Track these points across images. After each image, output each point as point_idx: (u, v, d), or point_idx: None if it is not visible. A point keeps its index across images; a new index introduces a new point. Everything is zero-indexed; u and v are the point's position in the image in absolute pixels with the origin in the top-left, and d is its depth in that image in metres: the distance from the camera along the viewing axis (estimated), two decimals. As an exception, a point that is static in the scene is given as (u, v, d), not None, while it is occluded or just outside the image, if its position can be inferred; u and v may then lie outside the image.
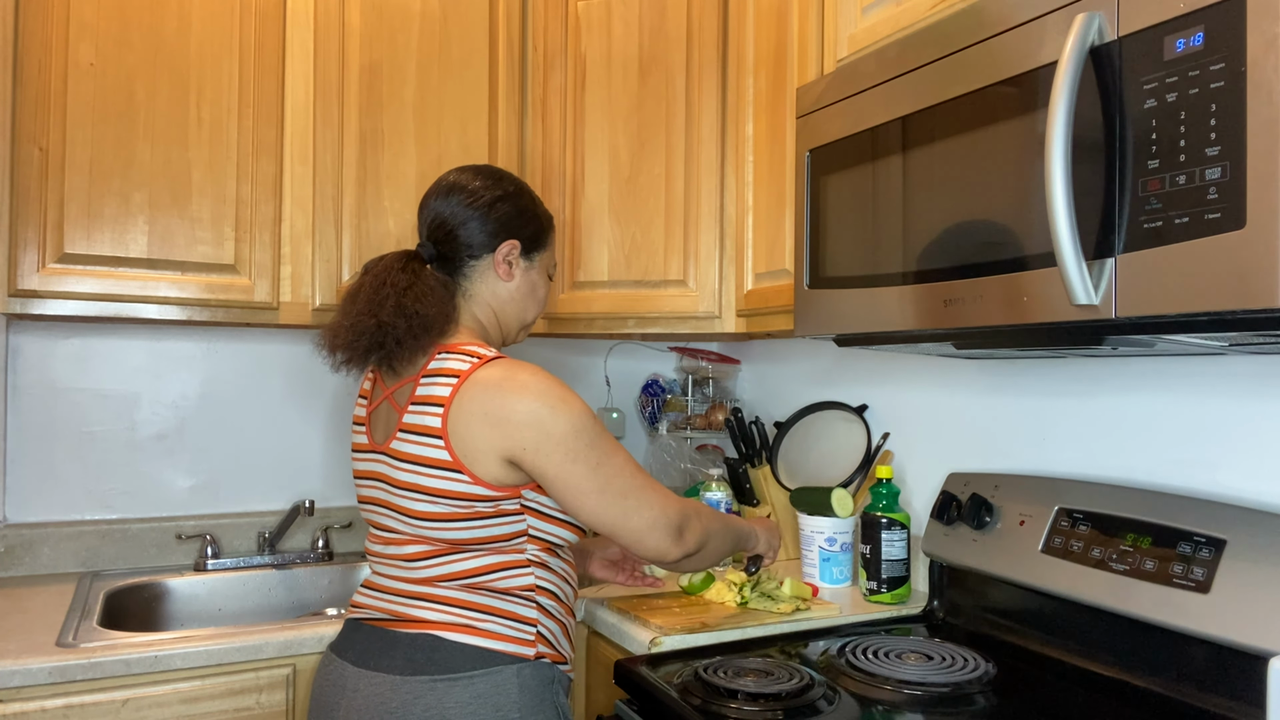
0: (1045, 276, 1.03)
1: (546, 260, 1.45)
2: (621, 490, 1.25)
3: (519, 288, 1.41)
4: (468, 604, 1.24)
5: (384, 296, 1.28)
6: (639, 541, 1.27)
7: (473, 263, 1.37)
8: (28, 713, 1.31)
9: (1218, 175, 0.86)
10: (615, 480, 1.25)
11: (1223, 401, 1.29)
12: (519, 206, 1.40)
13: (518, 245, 1.38)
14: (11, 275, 1.61)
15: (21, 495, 1.89)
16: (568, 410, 1.23)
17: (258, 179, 1.79)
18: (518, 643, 1.25)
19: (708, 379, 2.43)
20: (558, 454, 1.22)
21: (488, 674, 1.21)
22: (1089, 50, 0.98)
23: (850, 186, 1.35)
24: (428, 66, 1.95)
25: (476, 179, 1.39)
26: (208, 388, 2.05)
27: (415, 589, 1.26)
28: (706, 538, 1.34)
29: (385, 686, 1.21)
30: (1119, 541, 1.29)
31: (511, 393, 1.22)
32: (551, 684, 1.27)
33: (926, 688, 1.26)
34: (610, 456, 1.26)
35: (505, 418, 1.21)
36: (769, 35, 1.76)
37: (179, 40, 1.73)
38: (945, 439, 1.76)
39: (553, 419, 1.22)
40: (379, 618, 1.28)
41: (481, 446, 1.22)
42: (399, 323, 1.26)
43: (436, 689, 1.19)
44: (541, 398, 1.22)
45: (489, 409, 1.22)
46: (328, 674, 1.29)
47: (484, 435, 1.22)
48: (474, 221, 1.36)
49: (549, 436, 1.22)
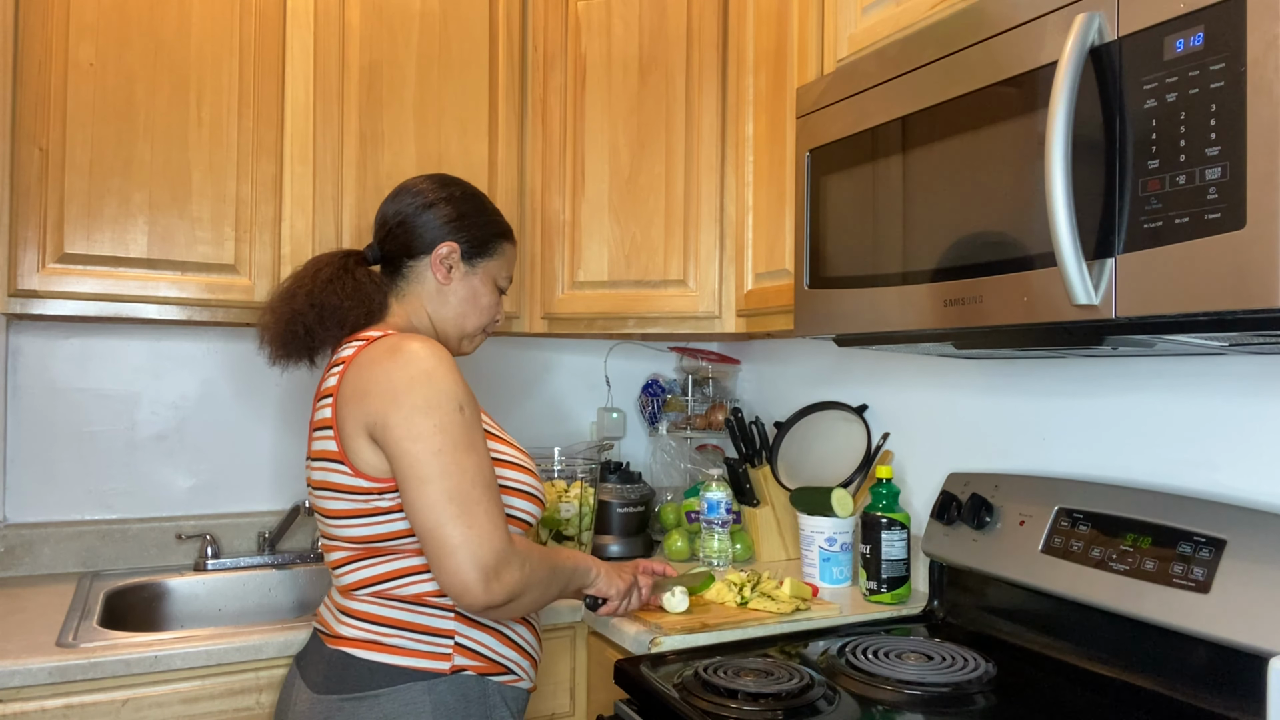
0: (1045, 276, 1.03)
1: (494, 269, 1.41)
2: (452, 492, 1.12)
3: (457, 293, 1.38)
4: (378, 619, 1.21)
5: (302, 286, 1.31)
6: (443, 560, 1.12)
7: (410, 263, 1.37)
8: (28, 713, 1.31)
9: (1218, 175, 0.86)
10: (450, 479, 1.13)
11: (1223, 401, 1.29)
12: (461, 210, 1.38)
13: (457, 248, 1.36)
14: (11, 275, 1.61)
15: (21, 495, 1.89)
16: (428, 385, 1.15)
17: (258, 179, 1.79)
18: (429, 657, 1.20)
19: (708, 379, 2.43)
20: (400, 428, 1.13)
21: (394, 692, 1.17)
22: (1089, 50, 0.98)
23: (850, 186, 1.35)
24: (428, 66, 1.95)
25: (425, 183, 1.40)
26: (208, 388, 2.05)
27: (340, 601, 1.26)
28: (523, 590, 1.17)
29: (308, 702, 1.21)
30: (1119, 541, 1.29)
31: (379, 363, 1.18)
32: (482, 699, 1.22)
33: (926, 688, 1.26)
34: (461, 453, 1.14)
35: (367, 390, 1.17)
36: (769, 35, 1.76)
37: (179, 40, 1.73)
38: (945, 439, 1.76)
39: (406, 389, 1.14)
40: (320, 629, 1.28)
41: (350, 430, 1.18)
42: (309, 312, 1.28)
43: (345, 709, 1.18)
44: (405, 366, 1.16)
45: (358, 384, 1.19)
46: (287, 679, 1.32)
47: (352, 414, 1.18)
48: (412, 220, 1.36)
49: (398, 406, 1.14)
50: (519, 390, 2.40)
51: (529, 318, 2.06)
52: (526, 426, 2.41)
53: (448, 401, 1.16)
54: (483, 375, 2.35)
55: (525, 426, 2.40)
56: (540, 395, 2.43)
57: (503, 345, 2.38)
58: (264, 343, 1.33)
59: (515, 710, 1.28)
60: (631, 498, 2.07)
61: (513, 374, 2.39)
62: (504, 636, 1.27)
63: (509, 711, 1.26)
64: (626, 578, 1.42)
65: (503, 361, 2.38)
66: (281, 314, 1.30)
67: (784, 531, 2.04)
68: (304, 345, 1.31)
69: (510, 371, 2.39)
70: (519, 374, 2.40)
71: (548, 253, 2.04)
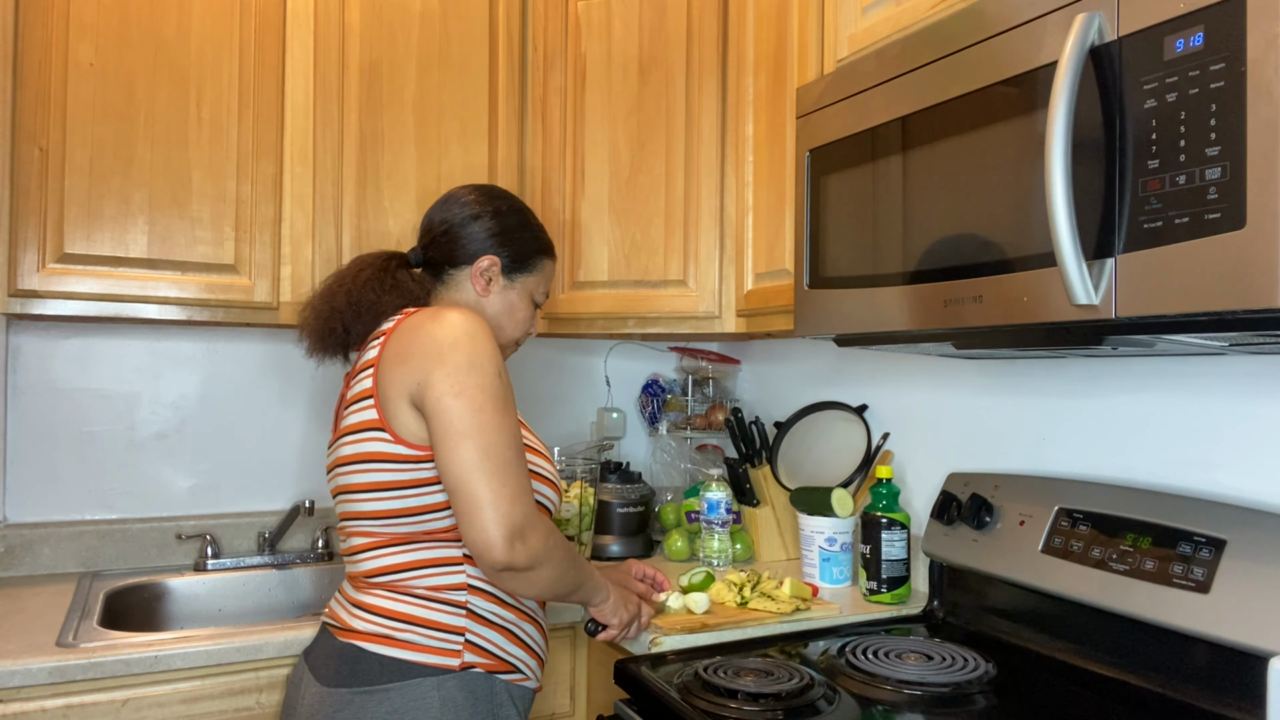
0: (1045, 276, 1.03)
1: (531, 285, 1.44)
2: (489, 449, 1.15)
3: (494, 305, 1.41)
4: (391, 613, 1.22)
5: (343, 285, 1.34)
6: (472, 514, 1.13)
7: (452, 272, 1.40)
8: (28, 713, 1.31)
9: (1218, 175, 0.86)
10: (488, 435, 1.15)
11: (1223, 401, 1.29)
12: (505, 225, 1.41)
13: (498, 262, 1.40)
14: (11, 275, 1.61)
15: (21, 495, 1.89)
16: (472, 346, 1.18)
17: (258, 179, 1.79)
18: (439, 653, 1.21)
19: (708, 379, 2.43)
20: (444, 383, 1.16)
21: (404, 686, 1.18)
22: (1089, 50, 0.98)
23: (850, 186, 1.35)
24: (428, 67, 1.95)
25: (473, 194, 1.43)
26: (208, 388, 2.05)
27: (354, 594, 1.26)
28: (544, 559, 1.18)
29: (318, 695, 1.22)
30: (1119, 541, 1.29)
31: (422, 327, 1.20)
32: (489, 697, 1.23)
33: (926, 688, 1.26)
34: (500, 415, 1.17)
35: (410, 352, 1.19)
36: (769, 35, 1.76)
37: (179, 40, 1.73)
38: (945, 439, 1.76)
39: (451, 350, 1.17)
40: (330, 623, 1.29)
41: (392, 394, 1.20)
42: (347, 310, 1.32)
43: (354, 702, 1.18)
44: (449, 330, 1.18)
45: (400, 348, 1.21)
46: (295, 674, 1.32)
47: (395, 379, 1.20)
48: (457, 230, 1.39)
49: (442, 363, 1.17)
50: (519, 390, 2.40)
51: (529, 318, 2.06)
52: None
53: (490, 364, 1.19)
54: (483, 375, 2.35)
55: (525, 426, 2.41)
56: (540, 395, 2.43)
57: (503, 345, 2.38)
58: (302, 337, 1.37)
59: (522, 709, 1.28)
60: (631, 498, 2.07)
61: (513, 374, 2.39)
62: (514, 635, 1.27)
63: (516, 710, 1.26)
64: (631, 609, 1.40)
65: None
66: (321, 311, 1.34)
67: (784, 531, 2.04)
68: (340, 342, 1.35)
69: (510, 371, 2.39)
70: (519, 374, 2.40)
71: (548, 253, 2.04)
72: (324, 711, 1.20)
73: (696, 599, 1.55)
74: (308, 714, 1.22)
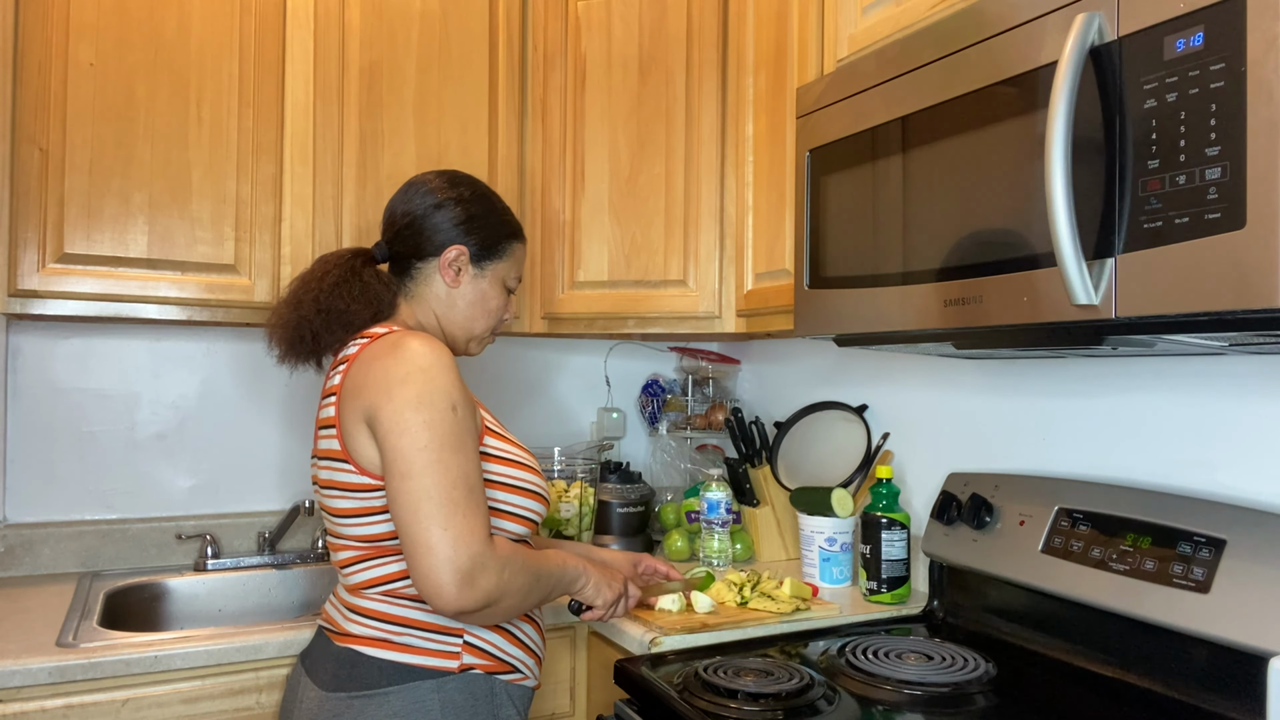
0: (1045, 276, 1.03)
1: (503, 271, 1.40)
2: (432, 490, 1.11)
3: (465, 296, 1.36)
4: (388, 617, 1.21)
5: (308, 290, 1.30)
6: (417, 559, 1.10)
7: (419, 264, 1.36)
8: (28, 713, 1.31)
9: (1218, 175, 0.86)
10: (431, 475, 1.11)
11: (1223, 401, 1.29)
12: (470, 212, 1.36)
13: (465, 251, 1.35)
14: (11, 275, 1.61)
15: (21, 495, 1.89)
16: (422, 381, 1.14)
17: (258, 179, 1.79)
18: (438, 655, 1.20)
19: (708, 379, 2.43)
20: (389, 421, 1.13)
21: (403, 690, 1.18)
22: (1089, 50, 0.98)
23: (850, 186, 1.35)
24: (428, 66, 1.95)
25: (436, 180, 1.38)
26: (208, 388, 2.05)
27: (349, 599, 1.25)
28: (500, 597, 1.14)
29: (316, 700, 1.21)
30: (1119, 541, 1.29)
31: (379, 359, 1.18)
32: (489, 698, 1.22)
33: (926, 688, 1.26)
34: (447, 452, 1.13)
35: (364, 385, 1.17)
36: (769, 35, 1.76)
37: (179, 40, 1.73)
38: (945, 439, 1.76)
39: (400, 383, 1.14)
40: (328, 627, 1.28)
41: (350, 426, 1.18)
42: (315, 318, 1.28)
43: (354, 706, 1.18)
44: (402, 362, 1.15)
45: (357, 379, 1.19)
46: (292, 677, 1.32)
47: (351, 410, 1.18)
48: (420, 222, 1.35)
49: (389, 399, 1.13)
50: (519, 390, 2.40)
51: (529, 318, 2.06)
52: (527, 426, 2.41)
53: (441, 400, 1.15)
54: (483, 375, 2.35)
55: (525, 426, 2.40)
56: (540, 395, 2.43)
57: (503, 345, 2.38)
58: (272, 345, 1.34)
59: (521, 709, 1.28)
60: (631, 498, 2.07)
61: (513, 374, 2.39)
62: (512, 636, 1.27)
63: (515, 710, 1.26)
64: (616, 588, 1.37)
65: (503, 361, 2.38)
66: (289, 320, 1.30)
67: (784, 531, 2.04)
68: (310, 349, 1.31)
69: (510, 371, 2.39)
70: (519, 374, 2.40)
71: (548, 253, 2.04)
72: (323, 717, 1.19)
73: (698, 599, 1.55)
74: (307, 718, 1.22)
